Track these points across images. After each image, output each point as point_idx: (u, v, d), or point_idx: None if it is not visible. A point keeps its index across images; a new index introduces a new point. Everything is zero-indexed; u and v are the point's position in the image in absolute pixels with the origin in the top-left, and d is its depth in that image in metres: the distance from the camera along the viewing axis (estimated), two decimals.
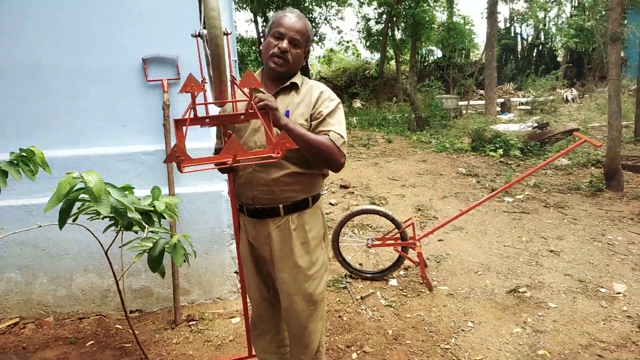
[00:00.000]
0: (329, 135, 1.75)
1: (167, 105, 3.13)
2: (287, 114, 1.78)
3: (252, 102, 1.49)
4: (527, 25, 20.03)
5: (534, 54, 22.31)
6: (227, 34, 1.50)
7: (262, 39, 1.97)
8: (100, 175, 1.70)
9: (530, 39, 22.75)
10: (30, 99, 3.05)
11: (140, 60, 3.11)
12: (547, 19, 22.38)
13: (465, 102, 15.15)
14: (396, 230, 3.58)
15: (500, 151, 7.91)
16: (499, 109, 13.57)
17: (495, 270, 3.72)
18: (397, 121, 12.65)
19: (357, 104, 17.16)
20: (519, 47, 22.92)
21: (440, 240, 4.33)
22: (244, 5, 18.54)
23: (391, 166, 7.44)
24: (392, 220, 3.56)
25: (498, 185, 6.03)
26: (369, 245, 3.61)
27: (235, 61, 8.41)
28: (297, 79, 1.87)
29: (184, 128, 1.38)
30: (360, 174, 6.94)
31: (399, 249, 3.59)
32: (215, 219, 3.26)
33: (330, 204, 5.45)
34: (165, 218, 2.05)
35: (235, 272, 3.39)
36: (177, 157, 1.29)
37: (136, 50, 3.10)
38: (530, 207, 5.21)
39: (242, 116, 1.48)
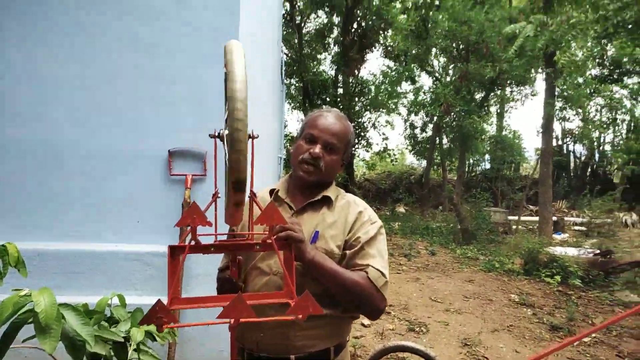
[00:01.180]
0: (367, 272, 1.38)
1: (187, 203, 2.81)
2: (315, 236, 1.42)
3: (271, 235, 1.14)
4: (582, 145, 19.54)
5: (588, 173, 21.55)
6: (252, 138, 1.15)
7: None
8: (55, 298, 1.31)
9: (583, 157, 22.16)
10: (39, 181, 2.80)
11: (166, 152, 2.86)
12: (601, 139, 21.92)
13: (515, 217, 14.38)
14: None
15: (558, 278, 7.06)
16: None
17: None
18: (442, 231, 12.00)
19: (401, 208, 16.72)
20: (572, 165, 22.30)
21: None
22: (297, 106, 19.28)
23: (434, 284, 6.74)
24: None
25: (558, 321, 5.19)
26: None
27: (281, 158, 8.33)
28: (331, 191, 1.56)
29: (181, 258, 1.08)
30: (399, 290, 6.28)
31: None
32: (226, 340, 2.75)
33: (363, 325, 4.79)
34: (156, 340, 1.64)
35: None
36: (157, 318, 0.89)
37: (163, 140, 2.87)
38: (601, 356, 4.35)
39: (258, 246, 1.17)
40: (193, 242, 1.06)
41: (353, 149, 1.75)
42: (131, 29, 2.85)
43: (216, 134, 1.13)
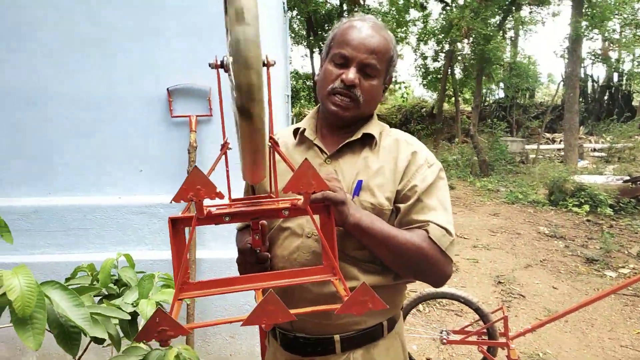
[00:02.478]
0: (427, 230, 1.06)
1: (193, 148, 2.47)
2: (358, 187, 1.08)
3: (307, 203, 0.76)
4: (604, 65, 18.54)
5: (606, 97, 20.70)
6: (268, 65, 0.77)
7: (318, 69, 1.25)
8: (33, 278, 1.01)
9: (601, 81, 21.21)
10: (28, 132, 2.47)
11: (165, 91, 2.48)
12: (621, 60, 20.84)
13: (532, 146, 13.92)
14: (480, 322, 2.68)
15: (586, 207, 6.78)
16: None
17: None
18: (459, 164, 11.65)
19: None
20: (589, 90, 21.42)
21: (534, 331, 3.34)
22: (301, 41, 18.39)
23: (458, 219, 6.48)
24: (477, 310, 2.67)
25: (592, 253, 4.94)
26: (444, 341, 2.72)
27: (288, 96, 7.86)
28: (374, 127, 1.19)
29: (186, 233, 0.76)
30: None
31: (485, 348, 2.67)
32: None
33: None
34: None
35: None
36: (159, 332, 0.59)
37: (160, 78, 2.48)
38: None
39: (286, 211, 0.79)
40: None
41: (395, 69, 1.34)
42: None
43: (218, 63, 0.73)
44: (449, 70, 16.63)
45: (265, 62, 0.80)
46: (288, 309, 0.60)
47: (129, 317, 1.29)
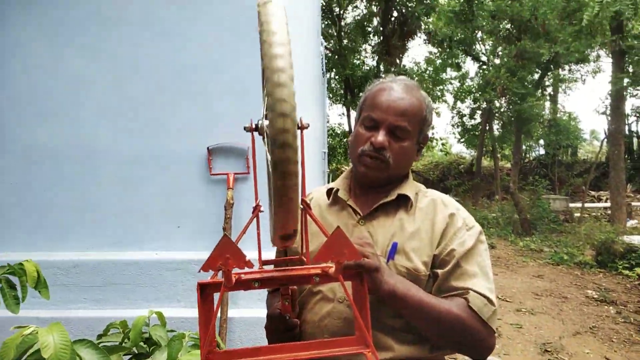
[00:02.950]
0: (467, 299, 1.01)
1: (230, 205, 2.53)
2: (392, 250, 1.05)
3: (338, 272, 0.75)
4: None
5: None
6: (302, 127, 0.79)
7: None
8: (68, 336, 1.03)
9: None
10: (72, 186, 2.60)
11: (205, 149, 2.58)
12: None
13: (576, 205, 13.41)
14: None
15: (638, 270, 6.37)
16: None
17: None
18: (498, 222, 11.31)
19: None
20: (634, 146, 20.73)
21: None
22: (338, 100, 18.89)
23: (499, 280, 6.21)
24: None
25: None
26: None
27: (325, 153, 7.99)
28: (409, 188, 1.18)
29: (215, 299, 0.76)
30: None
31: None
32: None
33: None
34: None
35: None
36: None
37: (201, 137, 2.59)
38: None
39: (317, 277, 0.76)
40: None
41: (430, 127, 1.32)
42: (162, 17, 2.59)
43: (253, 127, 0.76)
44: (487, 126, 16.58)
45: (300, 125, 0.82)
46: None
47: None
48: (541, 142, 19.43)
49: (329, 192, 1.23)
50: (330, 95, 18.05)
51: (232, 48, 2.57)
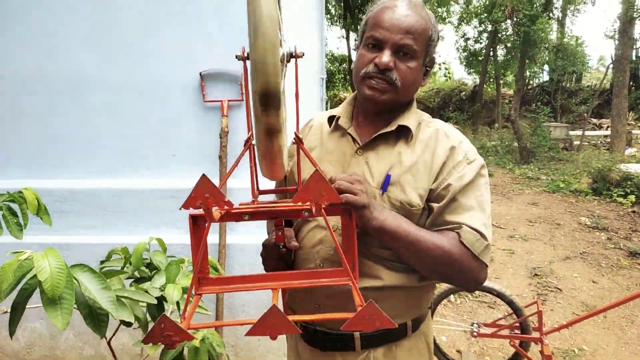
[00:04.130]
0: (459, 233, 0.99)
1: (225, 133, 2.48)
2: (386, 181, 1.02)
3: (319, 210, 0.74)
4: None
5: None
6: (296, 56, 0.77)
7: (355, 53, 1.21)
8: (63, 260, 1.05)
9: None
10: (66, 117, 2.54)
11: (198, 76, 2.49)
12: None
13: (577, 132, 13.34)
14: (513, 316, 2.61)
15: (632, 197, 6.46)
16: None
17: None
18: (498, 151, 11.32)
19: None
20: None
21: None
22: (337, 21, 18.13)
23: (494, 207, 6.31)
24: (510, 303, 2.60)
25: (636, 246, 4.71)
26: (475, 334, 2.67)
27: (323, 79, 7.78)
28: (411, 117, 1.11)
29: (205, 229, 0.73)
30: None
31: (517, 342, 2.61)
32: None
33: None
34: None
35: None
36: (164, 337, 0.61)
37: (194, 63, 2.48)
38: None
39: (306, 212, 0.76)
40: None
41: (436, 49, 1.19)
42: None
43: (245, 55, 0.73)
44: (491, 51, 16.08)
45: (295, 53, 0.77)
46: (291, 322, 0.59)
47: (156, 301, 1.32)
48: (546, 68, 18.94)
49: (331, 119, 1.19)
50: (329, 17, 17.30)
51: None
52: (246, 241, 2.51)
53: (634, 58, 19.88)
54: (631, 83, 19.82)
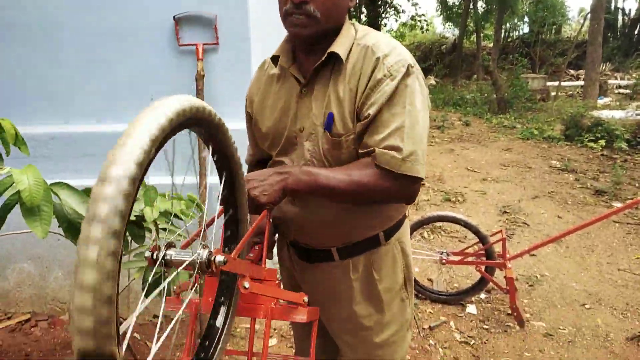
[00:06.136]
0: (374, 156, 0.98)
1: (201, 76, 2.52)
2: (329, 119, 1.04)
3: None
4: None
5: (636, 32, 19.65)
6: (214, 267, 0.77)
7: None
8: (41, 176, 1.12)
9: (633, 14, 20.06)
10: (43, 64, 2.54)
11: (172, 19, 2.50)
12: None
13: (554, 83, 13.51)
14: (480, 244, 2.80)
15: (602, 142, 6.68)
16: None
17: (609, 304, 2.84)
18: (476, 102, 11.46)
19: (431, 80, 15.95)
20: (619, 24, 20.32)
21: (533, 255, 3.45)
22: None
23: (469, 154, 6.50)
24: (476, 232, 2.78)
25: (602, 185, 4.95)
26: (444, 261, 2.85)
27: None
28: (342, 42, 1.05)
29: None
30: (433, 162, 6.08)
31: (483, 268, 2.80)
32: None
33: None
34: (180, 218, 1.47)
35: None
36: None
37: (167, 6, 2.49)
38: None
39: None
40: None
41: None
42: None
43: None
44: (471, 4, 15.94)
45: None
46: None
47: (134, 219, 1.41)
48: (526, 20, 18.90)
49: (274, 60, 1.14)
50: None
51: None
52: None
53: (612, 9, 19.95)
54: (609, 34, 19.95)
